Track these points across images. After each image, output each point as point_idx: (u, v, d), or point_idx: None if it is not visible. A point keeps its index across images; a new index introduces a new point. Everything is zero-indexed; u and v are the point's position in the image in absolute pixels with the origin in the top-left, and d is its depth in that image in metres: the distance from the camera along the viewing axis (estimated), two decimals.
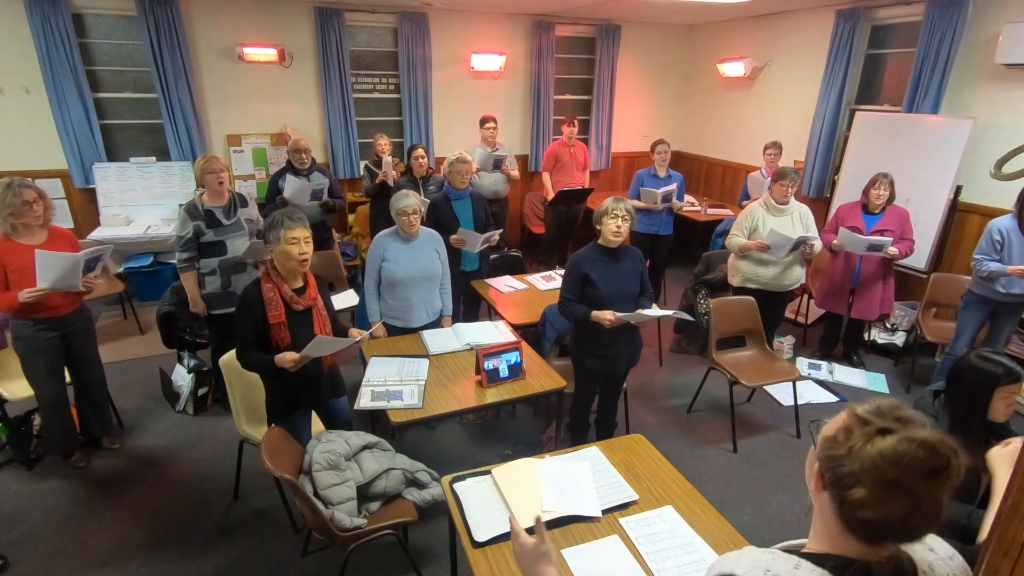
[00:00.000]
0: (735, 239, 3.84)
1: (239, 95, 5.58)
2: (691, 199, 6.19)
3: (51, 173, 5.11)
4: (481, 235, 3.60)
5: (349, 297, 4.20)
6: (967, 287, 3.62)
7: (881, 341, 4.60)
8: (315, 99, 5.83)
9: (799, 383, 3.65)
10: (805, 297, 4.90)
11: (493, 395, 2.59)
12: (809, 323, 4.89)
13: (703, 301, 4.37)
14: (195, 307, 3.32)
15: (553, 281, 3.91)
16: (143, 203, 5.30)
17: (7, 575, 2.45)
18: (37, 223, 2.76)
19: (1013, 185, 3.28)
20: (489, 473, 2.01)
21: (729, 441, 3.43)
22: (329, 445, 2.29)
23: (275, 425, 2.42)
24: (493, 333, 3.11)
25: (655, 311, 2.77)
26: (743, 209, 4.03)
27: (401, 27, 5.80)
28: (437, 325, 3.28)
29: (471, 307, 4.15)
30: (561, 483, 1.94)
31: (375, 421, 2.84)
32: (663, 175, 4.87)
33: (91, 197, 5.25)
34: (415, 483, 2.38)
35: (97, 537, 2.66)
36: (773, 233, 3.63)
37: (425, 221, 3.37)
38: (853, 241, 3.74)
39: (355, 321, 3.62)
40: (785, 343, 4.46)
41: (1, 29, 4.77)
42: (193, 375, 3.59)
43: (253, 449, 2.58)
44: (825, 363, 4.31)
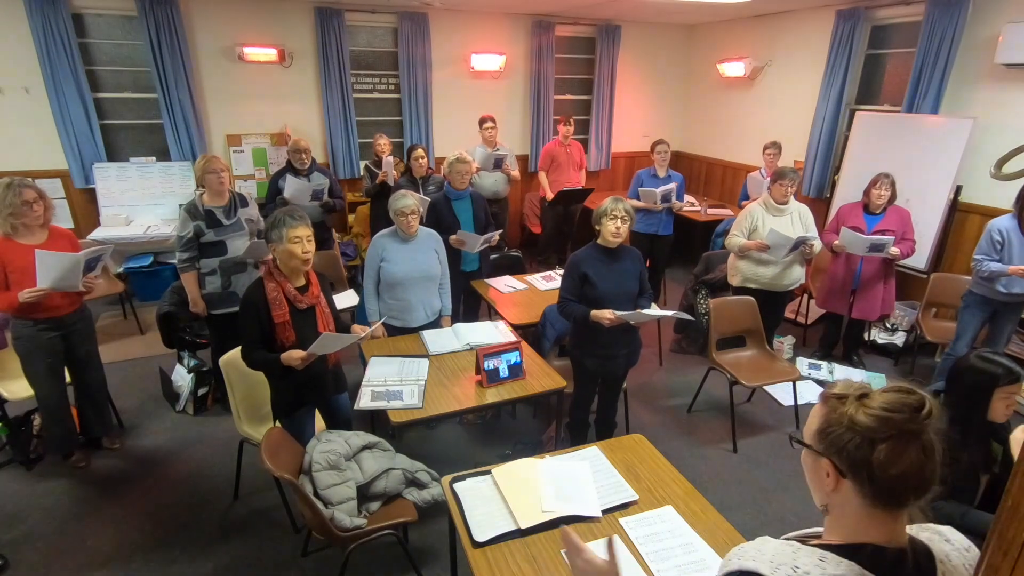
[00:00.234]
0: (735, 239, 3.84)
1: (239, 95, 5.58)
2: (691, 199, 6.19)
3: (51, 173, 5.12)
4: (480, 236, 3.60)
5: (349, 297, 4.20)
6: (967, 287, 3.62)
7: (881, 341, 4.60)
8: (315, 99, 5.83)
9: (799, 383, 3.66)
10: (805, 297, 4.90)
11: (493, 395, 2.60)
12: (809, 323, 4.89)
13: (703, 301, 4.37)
14: (195, 307, 3.32)
15: (553, 281, 3.91)
16: (143, 203, 5.30)
17: (7, 575, 2.45)
18: (37, 223, 2.76)
19: (1013, 185, 3.29)
20: (489, 473, 2.01)
21: (729, 441, 3.43)
22: (329, 445, 2.29)
23: (279, 423, 2.42)
24: (493, 333, 3.11)
25: (655, 311, 2.77)
26: (743, 209, 4.03)
27: (401, 27, 5.80)
28: (436, 325, 3.28)
29: (471, 307, 4.15)
30: (561, 483, 1.94)
31: (375, 421, 2.84)
32: (663, 175, 4.87)
33: (91, 197, 5.26)
34: (415, 483, 2.38)
35: (97, 537, 2.66)
36: (773, 233, 3.63)
37: (425, 221, 3.37)
38: (855, 241, 3.74)
39: (355, 321, 3.62)
40: (785, 343, 4.46)
41: (1, 29, 4.77)
42: (193, 375, 3.60)
43: (253, 449, 2.58)
44: (825, 363, 4.31)
